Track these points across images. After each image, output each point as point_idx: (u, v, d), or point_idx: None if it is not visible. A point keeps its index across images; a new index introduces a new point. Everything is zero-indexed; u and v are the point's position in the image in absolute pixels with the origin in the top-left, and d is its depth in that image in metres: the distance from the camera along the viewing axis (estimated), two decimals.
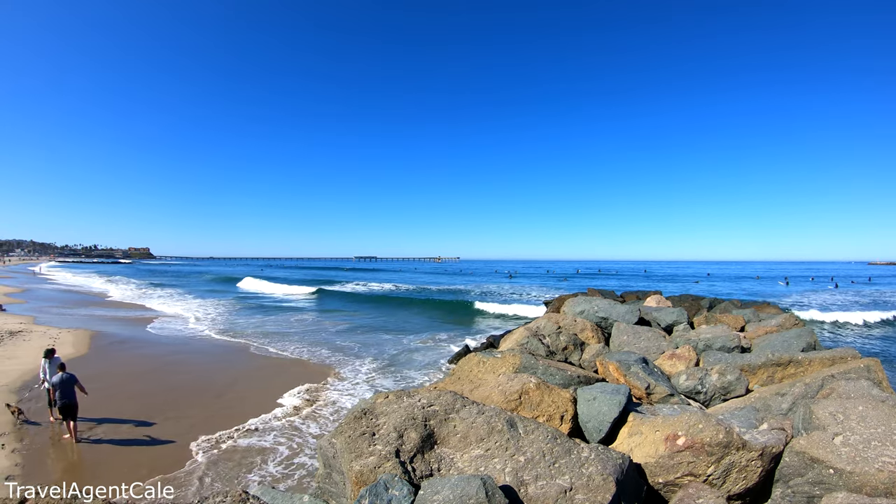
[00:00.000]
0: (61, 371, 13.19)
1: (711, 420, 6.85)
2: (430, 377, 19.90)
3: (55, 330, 28.54)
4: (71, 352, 22.53)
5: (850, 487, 5.90)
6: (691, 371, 11.74)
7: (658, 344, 15.14)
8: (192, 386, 17.94)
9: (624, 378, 10.93)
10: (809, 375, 10.73)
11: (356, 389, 17.85)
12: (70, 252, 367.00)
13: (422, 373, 20.74)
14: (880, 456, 6.11)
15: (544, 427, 7.14)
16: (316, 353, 24.77)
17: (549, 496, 5.97)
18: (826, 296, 66.29)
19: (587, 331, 16.35)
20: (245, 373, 20.04)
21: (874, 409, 7.02)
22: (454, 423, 7.40)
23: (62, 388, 12.79)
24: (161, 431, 13.39)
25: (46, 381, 14.02)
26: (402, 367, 22.03)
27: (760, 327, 16.89)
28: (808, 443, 6.46)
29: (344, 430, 7.28)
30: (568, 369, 11.27)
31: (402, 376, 20.18)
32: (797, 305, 49.76)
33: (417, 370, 21.30)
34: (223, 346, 26.42)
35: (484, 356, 12.28)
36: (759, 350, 14.24)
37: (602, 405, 8.17)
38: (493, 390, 9.16)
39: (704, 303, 26.35)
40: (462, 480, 5.67)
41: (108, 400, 15.83)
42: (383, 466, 6.48)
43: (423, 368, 21.64)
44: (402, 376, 20.18)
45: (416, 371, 21.12)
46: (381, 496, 5.60)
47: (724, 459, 6.53)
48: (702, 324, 18.66)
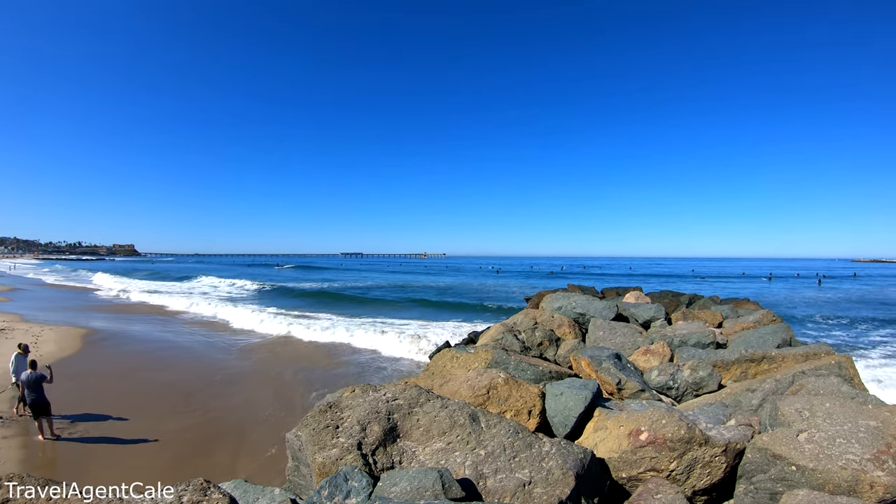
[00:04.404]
0: (31, 369, 13.00)
1: (675, 416, 6.77)
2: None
3: (38, 327, 28.25)
4: (53, 349, 22.31)
5: (813, 485, 5.83)
6: (663, 367, 11.69)
7: (634, 340, 15.10)
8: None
9: (595, 373, 10.85)
10: (781, 372, 10.72)
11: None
12: (54, 249, 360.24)
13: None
14: (845, 453, 6.05)
15: (507, 421, 7.06)
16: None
17: (508, 489, 5.95)
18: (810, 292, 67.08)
19: (564, 327, 16.28)
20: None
21: (842, 407, 6.97)
22: (417, 417, 7.35)
23: (30, 386, 12.63)
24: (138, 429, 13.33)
25: (13, 377, 13.89)
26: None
27: (738, 323, 16.91)
28: (771, 439, 6.39)
29: (309, 423, 7.24)
30: (540, 364, 11.18)
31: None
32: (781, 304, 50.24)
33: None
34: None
35: (457, 351, 12.18)
36: (733, 346, 14.24)
37: (568, 400, 8.08)
38: (462, 385, 9.06)
39: (684, 299, 26.39)
40: (420, 473, 5.75)
41: (89, 398, 15.73)
42: (345, 459, 6.46)
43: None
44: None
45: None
46: (340, 487, 5.64)
47: (687, 455, 6.44)
48: (679, 320, 18.66)
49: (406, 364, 22.43)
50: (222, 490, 5.48)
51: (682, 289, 42.94)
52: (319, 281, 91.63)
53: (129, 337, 27.24)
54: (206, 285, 78.68)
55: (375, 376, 20.08)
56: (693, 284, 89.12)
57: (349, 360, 22.83)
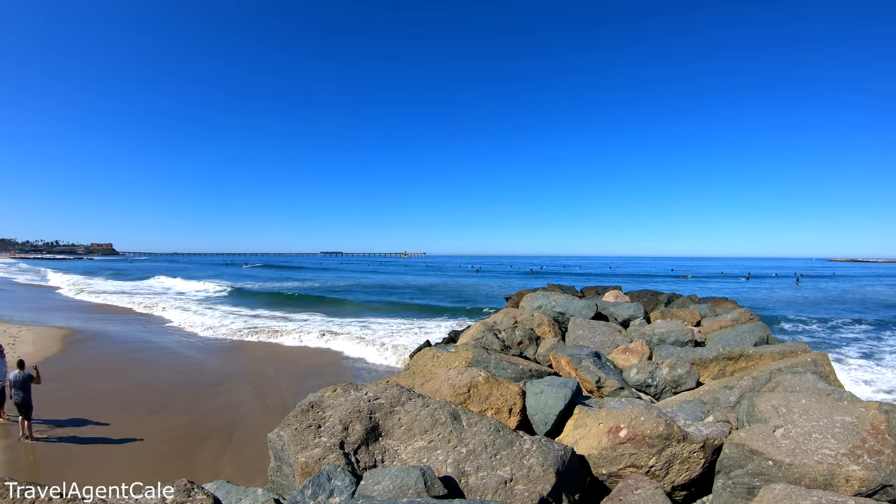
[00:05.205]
0: (19, 369, 12.86)
1: (653, 413, 6.84)
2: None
3: (16, 328, 27.82)
4: (31, 350, 21.94)
5: (790, 479, 5.91)
6: (642, 365, 11.80)
7: (613, 338, 15.23)
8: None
9: (575, 372, 10.90)
10: (758, 369, 10.88)
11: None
12: (31, 248, 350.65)
13: None
14: (820, 448, 6.15)
15: (487, 420, 7.07)
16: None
17: (489, 486, 5.97)
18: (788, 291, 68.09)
19: (544, 325, 16.37)
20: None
21: (817, 403, 7.09)
22: (399, 416, 7.33)
23: (17, 386, 12.47)
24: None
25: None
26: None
27: (715, 322, 17.13)
28: (748, 435, 6.48)
29: (291, 423, 7.19)
30: (520, 363, 11.22)
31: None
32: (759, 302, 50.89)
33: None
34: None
35: (438, 350, 12.17)
36: (711, 344, 14.42)
37: (549, 398, 8.12)
38: (443, 384, 9.07)
39: (662, 298, 26.70)
40: (402, 471, 5.75)
41: (70, 399, 15.55)
42: (328, 458, 6.43)
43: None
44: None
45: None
46: (323, 486, 5.61)
47: (665, 451, 6.51)
48: (658, 318, 18.86)
49: (386, 364, 22.34)
50: (206, 491, 5.46)
51: (661, 288, 43.45)
52: (281, 280, 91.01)
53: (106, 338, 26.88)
54: (161, 286, 75.70)
55: (356, 377, 20.00)
56: (672, 284, 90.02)
57: (328, 362, 22.68)
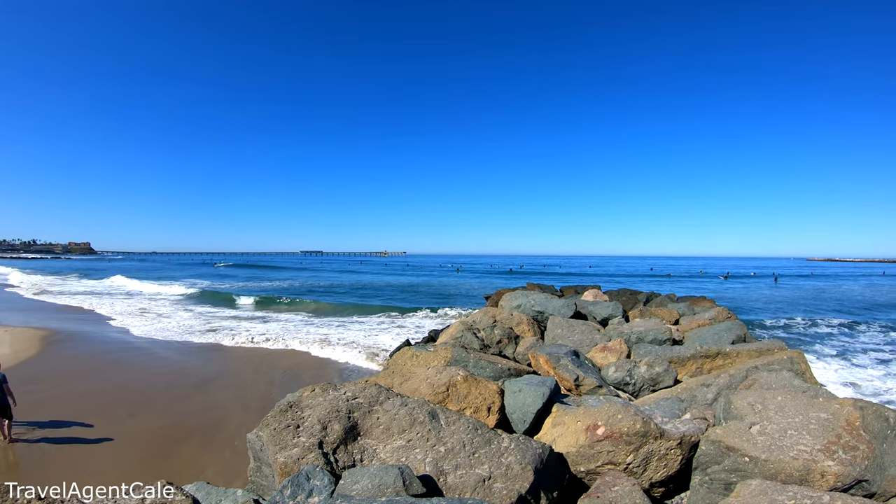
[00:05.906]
0: None
1: (631, 410, 6.86)
2: None
3: None
4: (8, 351, 21.58)
5: (766, 475, 5.96)
6: (621, 363, 11.87)
7: (592, 337, 15.31)
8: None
9: (553, 370, 10.94)
10: (735, 367, 10.99)
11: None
12: (8, 247, 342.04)
13: None
14: (796, 444, 6.21)
15: (466, 418, 7.05)
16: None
17: (468, 485, 5.94)
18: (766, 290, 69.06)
19: (523, 324, 16.42)
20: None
21: (793, 400, 7.16)
22: (377, 415, 7.27)
23: None
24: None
25: None
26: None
27: (693, 320, 17.31)
28: (725, 432, 6.53)
29: (270, 423, 7.10)
30: (499, 362, 11.24)
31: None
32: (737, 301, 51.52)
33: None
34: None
35: (417, 350, 12.16)
36: (689, 343, 14.57)
37: (527, 397, 8.13)
38: (422, 383, 9.05)
39: (641, 297, 26.93)
40: (381, 470, 5.72)
41: (47, 400, 15.36)
42: (306, 458, 6.35)
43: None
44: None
45: None
46: (302, 486, 5.56)
47: (643, 448, 6.54)
48: (637, 317, 19.00)
49: (366, 364, 22.24)
50: (185, 492, 5.46)
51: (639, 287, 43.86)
52: (260, 280, 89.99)
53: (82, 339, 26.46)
54: (114, 287, 71.12)
55: (335, 377, 19.88)
56: (651, 283, 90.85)
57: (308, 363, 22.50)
